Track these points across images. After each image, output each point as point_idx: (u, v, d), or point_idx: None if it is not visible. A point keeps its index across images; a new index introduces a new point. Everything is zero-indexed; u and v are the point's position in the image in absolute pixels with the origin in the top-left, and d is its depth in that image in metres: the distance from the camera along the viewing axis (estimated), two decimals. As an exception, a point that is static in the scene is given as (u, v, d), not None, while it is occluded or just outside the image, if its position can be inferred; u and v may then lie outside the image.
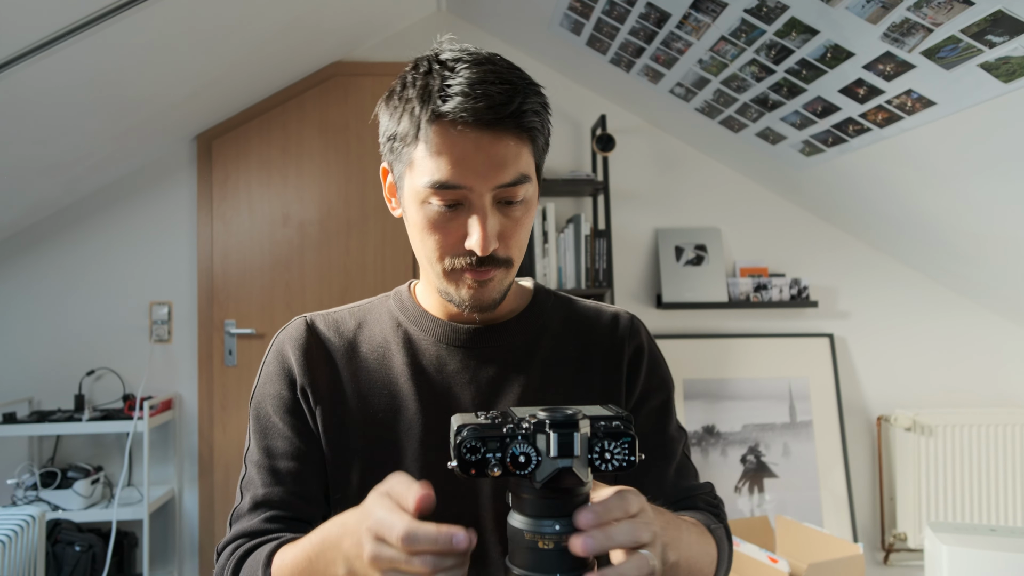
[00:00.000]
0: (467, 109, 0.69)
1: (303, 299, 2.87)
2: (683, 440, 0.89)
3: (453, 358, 0.82)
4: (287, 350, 0.83)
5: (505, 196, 0.73)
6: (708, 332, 2.97)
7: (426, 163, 0.73)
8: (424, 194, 0.73)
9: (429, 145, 0.72)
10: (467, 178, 0.71)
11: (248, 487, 0.81)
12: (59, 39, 1.67)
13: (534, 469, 0.52)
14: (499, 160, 0.71)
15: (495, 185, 0.72)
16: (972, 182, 2.10)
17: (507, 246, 0.76)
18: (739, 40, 2.05)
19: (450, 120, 0.70)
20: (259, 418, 0.82)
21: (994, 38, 1.50)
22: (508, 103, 0.70)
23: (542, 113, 0.75)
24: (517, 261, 0.78)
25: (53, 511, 2.45)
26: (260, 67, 2.61)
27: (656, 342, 0.92)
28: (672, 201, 3.03)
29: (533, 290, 0.91)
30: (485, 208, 0.72)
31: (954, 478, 2.77)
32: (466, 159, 0.70)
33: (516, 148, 0.72)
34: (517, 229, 0.76)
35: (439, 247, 0.75)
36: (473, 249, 0.72)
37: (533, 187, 0.77)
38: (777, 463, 2.81)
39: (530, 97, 0.72)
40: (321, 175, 2.91)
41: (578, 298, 0.93)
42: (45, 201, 2.67)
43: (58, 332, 2.77)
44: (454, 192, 0.72)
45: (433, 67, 0.73)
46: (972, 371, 2.99)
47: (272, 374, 0.83)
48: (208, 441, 2.81)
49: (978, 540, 1.73)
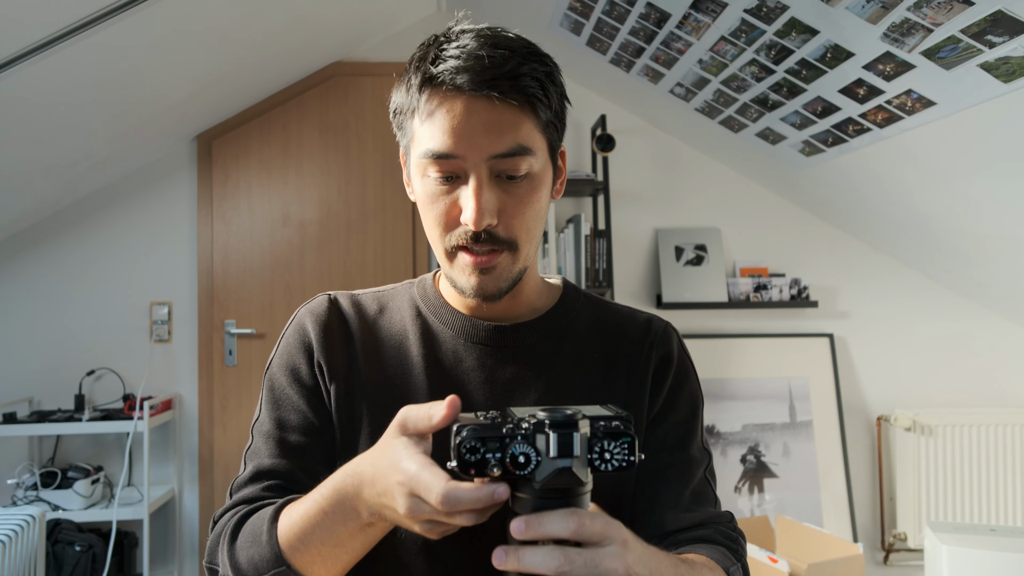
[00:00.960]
0: (457, 70, 0.66)
1: (303, 299, 2.86)
2: (706, 463, 0.82)
3: (470, 355, 0.79)
4: (307, 324, 0.80)
5: (503, 168, 0.69)
6: (708, 332, 2.97)
7: (422, 132, 0.70)
8: (423, 166, 0.71)
9: (423, 113, 0.69)
10: (460, 146, 0.67)
11: (253, 457, 0.77)
12: (59, 39, 1.67)
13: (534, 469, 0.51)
14: (493, 127, 0.67)
15: (490, 154, 0.68)
16: (972, 182, 2.10)
17: (508, 225, 0.71)
18: (739, 40, 2.05)
19: (440, 83, 0.68)
20: (273, 388, 0.79)
21: (994, 38, 1.50)
22: (501, 65, 0.67)
23: (545, 83, 0.71)
24: (524, 245, 0.73)
25: (53, 511, 2.45)
26: (260, 67, 2.61)
27: (691, 359, 0.86)
28: (672, 201, 3.03)
29: (562, 289, 0.86)
30: (480, 178, 0.68)
31: (954, 478, 2.77)
32: (458, 126, 0.67)
33: (513, 116, 0.68)
34: (520, 207, 0.71)
35: (438, 223, 0.72)
36: (467, 223, 0.69)
37: (540, 163, 0.72)
38: (777, 463, 2.81)
39: (529, 63, 0.69)
40: (321, 175, 2.91)
41: (612, 302, 0.88)
42: (45, 201, 2.67)
43: (58, 332, 2.77)
44: (449, 163, 0.69)
45: (437, 38, 0.71)
46: (972, 371, 2.99)
47: (291, 346, 0.80)
48: (208, 441, 2.81)
49: (978, 540, 1.73)
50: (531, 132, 0.70)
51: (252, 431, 0.80)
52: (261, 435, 0.78)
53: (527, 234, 0.73)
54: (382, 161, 2.92)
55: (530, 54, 0.70)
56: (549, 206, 0.78)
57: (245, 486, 0.75)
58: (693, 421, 0.82)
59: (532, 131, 0.71)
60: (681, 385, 0.83)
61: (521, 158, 0.69)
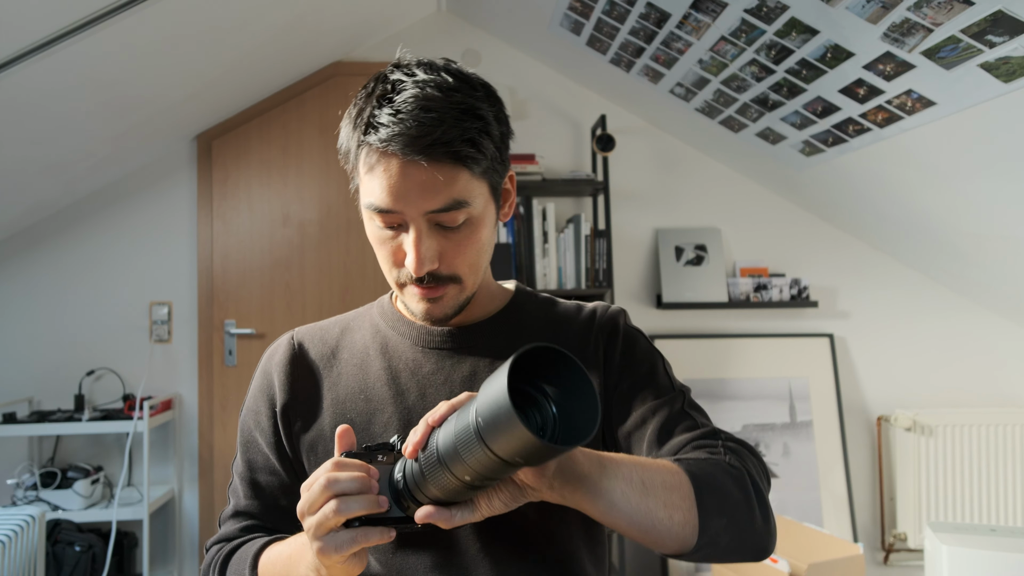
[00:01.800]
0: (391, 138, 0.69)
1: (303, 299, 2.87)
2: (681, 400, 0.81)
3: (428, 360, 0.83)
4: (271, 369, 0.87)
5: (440, 220, 0.73)
6: (708, 332, 2.97)
7: (364, 185, 0.75)
8: (368, 214, 0.76)
9: (364, 165, 0.74)
10: (398, 203, 0.72)
11: (233, 495, 0.87)
12: (59, 39, 1.67)
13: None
14: (427, 187, 0.71)
15: (425, 211, 0.72)
16: (972, 182, 2.10)
17: (450, 265, 0.76)
18: (739, 40, 2.05)
19: (377, 148, 0.71)
20: (243, 431, 0.87)
21: (994, 38, 1.50)
22: (431, 132, 0.69)
23: (478, 139, 0.72)
24: (468, 278, 0.78)
25: (53, 511, 2.45)
26: (260, 67, 2.61)
27: (639, 329, 0.88)
28: (672, 201, 3.03)
29: (514, 292, 0.91)
30: (419, 231, 0.73)
31: (954, 478, 2.77)
32: (395, 185, 0.71)
33: (447, 174, 0.71)
34: (460, 250, 0.75)
35: (386, 261, 0.78)
36: (408, 269, 0.74)
37: (480, 207, 0.75)
38: (777, 463, 2.81)
39: (461, 123, 0.70)
40: (321, 175, 2.91)
41: (561, 299, 0.92)
42: (45, 201, 2.67)
43: (58, 332, 2.77)
44: (390, 216, 0.73)
45: (376, 89, 0.73)
46: (972, 371, 2.99)
47: (256, 393, 0.87)
48: (208, 441, 2.81)
49: (978, 540, 1.72)
50: (467, 184, 0.73)
51: (231, 468, 0.89)
52: (237, 475, 0.87)
53: (470, 268, 0.78)
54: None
55: (462, 113, 0.71)
56: (495, 235, 0.83)
57: (228, 521, 0.85)
58: (653, 374, 0.83)
59: (468, 182, 0.73)
60: (631, 348, 0.85)
61: (457, 211, 0.73)
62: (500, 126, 0.76)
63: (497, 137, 0.75)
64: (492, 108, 0.75)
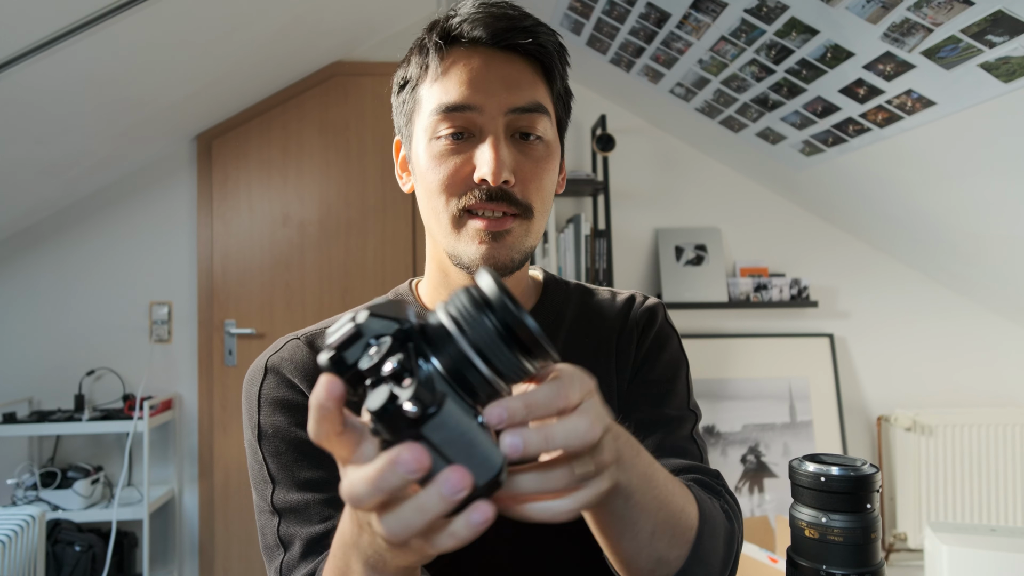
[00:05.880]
0: (475, 23, 0.64)
1: (303, 299, 2.87)
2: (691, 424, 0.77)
3: None
4: (285, 372, 0.72)
5: (521, 125, 0.66)
6: (708, 332, 2.97)
7: (433, 91, 0.67)
8: (432, 126, 0.67)
9: (435, 72, 0.66)
10: (477, 97, 0.64)
11: (290, 539, 0.65)
12: (59, 39, 1.67)
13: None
14: (512, 80, 0.65)
15: (508, 107, 0.65)
16: (972, 182, 2.10)
17: (524, 188, 0.66)
18: (739, 40, 2.05)
19: (457, 38, 0.66)
20: (280, 453, 0.68)
21: (994, 38, 1.50)
22: (521, 20, 0.65)
23: (560, 52, 0.68)
24: (539, 215, 0.69)
25: (53, 511, 2.45)
26: (260, 67, 2.60)
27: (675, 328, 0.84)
28: (672, 201, 3.03)
29: (543, 280, 0.84)
30: (498, 132, 0.65)
31: (954, 478, 2.77)
32: (476, 78, 0.64)
33: (531, 74, 0.66)
34: (537, 171, 0.67)
35: (445, 186, 0.66)
36: (484, 177, 0.64)
37: (552, 133, 0.69)
38: (777, 463, 2.81)
39: (544, 28, 0.67)
40: (321, 175, 2.91)
41: (595, 287, 0.87)
42: (45, 201, 2.67)
43: (58, 332, 2.77)
44: (463, 116, 0.65)
45: (434, 25, 0.70)
46: (972, 371, 2.99)
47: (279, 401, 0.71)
48: (208, 441, 2.81)
49: (978, 540, 1.72)
50: (545, 95, 0.69)
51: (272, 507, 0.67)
52: (289, 511, 0.66)
53: (541, 203, 0.69)
54: (382, 161, 2.92)
55: (542, 23, 0.68)
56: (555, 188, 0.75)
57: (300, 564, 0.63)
58: (674, 382, 0.79)
59: (546, 96, 0.69)
60: (661, 347, 0.80)
61: (538, 116, 0.67)
62: (565, 80, 0.72)
63: (565, 81, 0.71)
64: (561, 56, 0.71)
